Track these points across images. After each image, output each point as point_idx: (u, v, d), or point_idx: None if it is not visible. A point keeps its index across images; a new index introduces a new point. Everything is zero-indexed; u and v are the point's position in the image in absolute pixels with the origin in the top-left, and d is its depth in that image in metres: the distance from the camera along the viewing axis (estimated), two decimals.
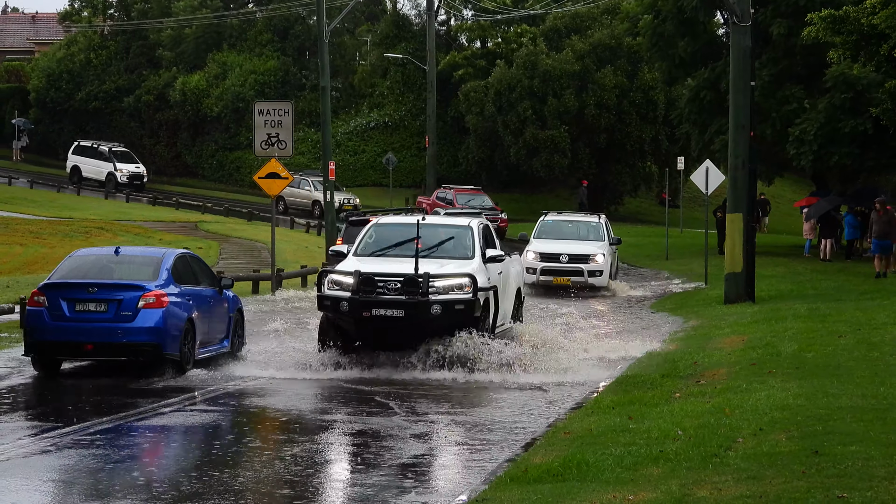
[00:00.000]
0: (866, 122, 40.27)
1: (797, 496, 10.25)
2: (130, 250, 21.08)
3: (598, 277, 35.31)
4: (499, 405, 17.55)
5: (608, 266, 35.71)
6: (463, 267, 20.38)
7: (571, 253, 35.48)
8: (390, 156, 68.35)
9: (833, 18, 35.41)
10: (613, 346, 22.86)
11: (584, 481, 11.57)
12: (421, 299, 19.49)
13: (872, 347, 19.57)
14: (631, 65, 67.92)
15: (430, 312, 19.53)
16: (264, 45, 79.16)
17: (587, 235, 37.13)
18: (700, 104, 47.24)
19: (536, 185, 69.96)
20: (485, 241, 21.68)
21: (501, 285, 21.74)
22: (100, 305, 18.73)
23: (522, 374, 19.66)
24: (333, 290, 19.87)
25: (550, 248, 35.77)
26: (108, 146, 73.80)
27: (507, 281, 22.49)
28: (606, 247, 36.26)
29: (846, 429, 12.96)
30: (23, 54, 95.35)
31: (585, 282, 35.12)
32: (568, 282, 34.95)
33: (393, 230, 21.66)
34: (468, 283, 19.80)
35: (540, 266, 35.28)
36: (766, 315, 25.94)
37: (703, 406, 15.05)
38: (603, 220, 38.11)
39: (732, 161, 29.88)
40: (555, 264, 35.33)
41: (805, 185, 67.08)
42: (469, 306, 19.79)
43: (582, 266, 35.21)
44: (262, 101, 38.24)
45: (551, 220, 38.50)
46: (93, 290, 18.77)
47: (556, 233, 37.37)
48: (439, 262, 20.49)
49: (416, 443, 14.68)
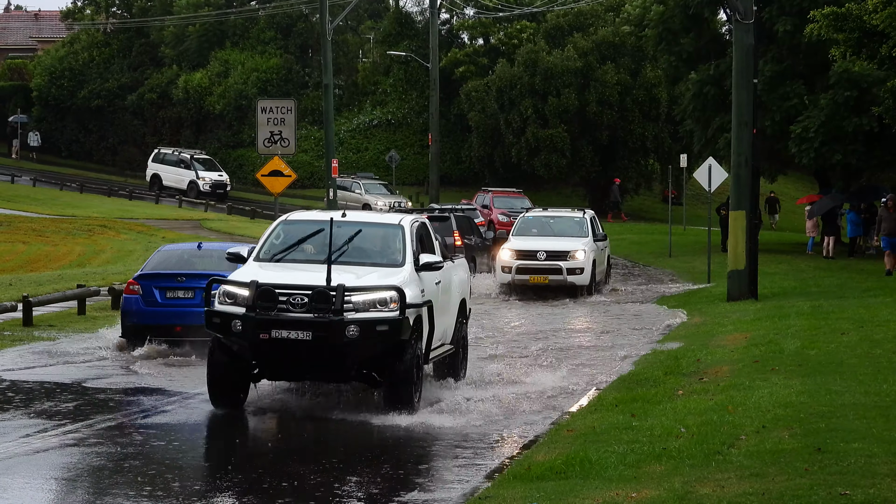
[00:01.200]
0: (870, 121, 40.28)
1: (800, 493, 10.26)
2: (210, 245, 24.35)
3: (579, 276, 32.91)
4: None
5: (590, 263, 33.22)
6: (389, 277, 16.25)
7: (549, 249, 33.17)
8: (393, 153, 68.39)
9: (835, 16, 35.42)
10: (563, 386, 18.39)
11: (587, 479, 11.58)
12: (333, 318, 15.46)
13: (875, 344, 19.56)
14: (634, 62, 67.91)
15: (344, 335, 15.46)
16: (267, 43, 79.17)
17: (569, 231, 34.66)
18: (704, 100, 47.24)
19: (539, 183, 69.97)
20: (420, 243, 17.62)
21: (439, 299, 17.58)
22: (187, 293, 21.17)
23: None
24: (225, 304, 15.96)
25: (527, 245, 33.60)
26: (190, 153, 70.49)
27: (448, 292, 18.34)
28: (590, 243, 33.94)
29: (849, 426, 12.97)
30: (25, 52, 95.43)
31: (564, 280, 32.81)
32: (545, 280, 32.85)
33: (306, 229, 17.26)
34: (394, 297, 15.73)
35: (515, 264, 33.01)
36: (769, 312, 25.94)
37: (706, 403, 15.05)
38: (588, 216, 35.73)
39: (735, 158, 29.87)
40: (531, 262, 33.01)
41: (808, 183, 67.10)
42: (395, 327, 15.60)
43: (560, 263, 32.84)
44: (264, 99, 38.31)
45: (532, 216, 36.41)
46: (181, 279, 21.33)
47: (536, 229, 35.23)
48: (360, 270, 16.40)
49: None
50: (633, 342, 23.43)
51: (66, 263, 43.60)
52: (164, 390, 17.97)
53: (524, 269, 32.96)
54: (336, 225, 16.53)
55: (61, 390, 17.84)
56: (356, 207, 57.02)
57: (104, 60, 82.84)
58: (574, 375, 19.26)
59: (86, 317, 26.44)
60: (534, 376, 18.99)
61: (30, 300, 25.06)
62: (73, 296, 26.90)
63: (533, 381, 18.63)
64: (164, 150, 70.88)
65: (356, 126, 76.31)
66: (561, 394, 17.65)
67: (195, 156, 70.39)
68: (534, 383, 18.42)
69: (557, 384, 18.36)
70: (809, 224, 46.55)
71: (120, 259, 44.42)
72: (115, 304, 27.68)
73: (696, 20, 47.56)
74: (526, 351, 22.41)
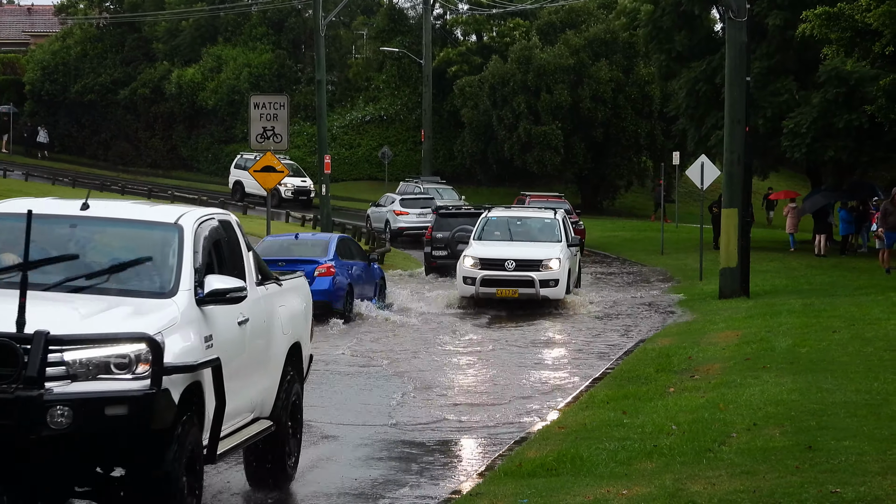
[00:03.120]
0: (861, 117, 40.35)
1: (791, 491, 10.27)
2: (305, 235, 29.04)
3: (553, 288, 29.07)
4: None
5: (565, 274, 29.49)
6: (139, 316, 9.44)
7: (519, 258, 29.24)
8: (386, 150, 68.32)
9: (828, 15, 35.44)
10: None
11: (578, 475, 11.59)
12: (23, 394, 8.78)
13: (866, 343, 19.59)
14: (626, 59, 67.97)
15: (45, 425, 8.81)
16: (259, 39, 79.11)
17: (540, 236, 31.01)
18: (696, 97, 47.29)
19: (531, 179, 69.99)
20: (212, 256, 10.71)
21: (246, 347, 10.88)
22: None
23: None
24: None
25: (493, 253, 29.66)
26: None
27: (267, 335, 11.48)
28: (563, 249, 30.14)
29: (840, 424, 12.99)
30: (18, 46, 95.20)
31: (536, 294, 28.90)
32: (515, 294, 28.98)
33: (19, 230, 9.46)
34: (142, 354, 9.04)
35: (480, 275, 29.04)
36: (760, 310, 25.97)
37: (698, 401, 15.07)
38: (560, 217, 32.07)
39: (728, 156, 29.90)
40: (498, 272, 29.07)
41: (800, 180, 67.12)
42: (140, 409, 8.96)
43: (532, 274, 28.90)
44: (257, 95, 38.26)
45: (496, 216, 32.37)
46: (282, 264, 23.84)
47: (500, 232, 31.47)
48: (86, 302, 9.61)
49: None
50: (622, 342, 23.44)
51: None
52: None
53: (490, 281, 29.13)
54: (58, 223, 10.49)
55: None
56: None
57: (97, 55, 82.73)
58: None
59: None
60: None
61: None
62: None
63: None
64: (246, 156, 62.41)
65: (349, 122, 76.28)
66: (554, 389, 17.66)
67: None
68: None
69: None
70: (790, 222, 46.56)
71: None
72: None
73: (687, 18, 47.59)
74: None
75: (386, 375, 19.89)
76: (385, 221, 50.34)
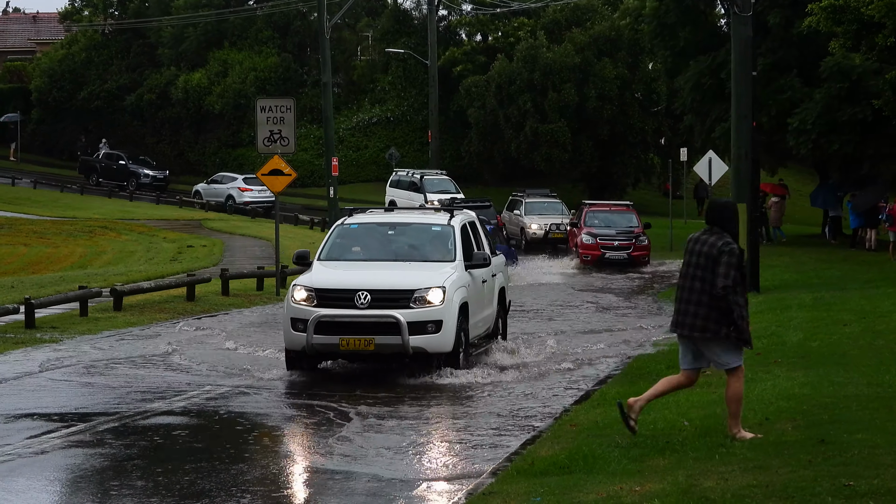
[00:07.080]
0: (865, 110, 40.33)
1: (804, 485, 10.26)
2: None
3: (433, 336, 18.20)
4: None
5: (454, 312, 18.31)
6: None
7: (378, 287, 18.44)
8: (393, 151, 68.33)
9: (833, 8, 35.45)
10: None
11: (590, 473, 11.59)
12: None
13: (877, 336, 19.58)
14: (632, 56, 67.94)
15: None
16: (264, 42, 79.20)
17: (419, 252, 19.77)
18: (702, 91, 47.30)
19: (538, 178, 69.94)
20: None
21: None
22: None
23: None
24: None
25: (337, 280, 18.94)
26: (420, 174, 58.27)
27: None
28: (458, 272, 19.02)
29: (852, 417, 12.98)
30: (24, 54, 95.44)
31: (403, 344, 18.07)
32: (370, 346, 18.13)
33: None
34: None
35: (314, 315, 18.24)
36: (770, 304, 25.95)
37: (709, 396, 15.06)
38: (457, 223, 20.11)
39: (735, 151, 29.90)
40: (344, 311, 18.27)
41: (808, 175, 67.07)
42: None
43: (396, 314, 18.10)
44: (263, 98, 38.23)
45: (356, 223, 20.83)
46: None
47: (363, 248, 20.31)
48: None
49: None
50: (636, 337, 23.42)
51: (67, 265, 43.61)
52: None
53: (330, 325, 18.29)
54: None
55: None
56: (514, 230, 50.37)
57: (103, 62, 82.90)
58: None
59: (88, 318, 26.43)
60: None
61: (32, 302, 25.06)
62: (75, 297, 26.89)
63: None
64: (399, 172, 59.74)
65: (356, 124, 76.32)
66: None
67: (426, 176, 58.09)
68: None
69: None
70: (774, 216, 47.67)
71: (121, 260, 44.45)
72: (118, 304, 27.73)
73: (692, 13, 47.59)
74: None
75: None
76: None
